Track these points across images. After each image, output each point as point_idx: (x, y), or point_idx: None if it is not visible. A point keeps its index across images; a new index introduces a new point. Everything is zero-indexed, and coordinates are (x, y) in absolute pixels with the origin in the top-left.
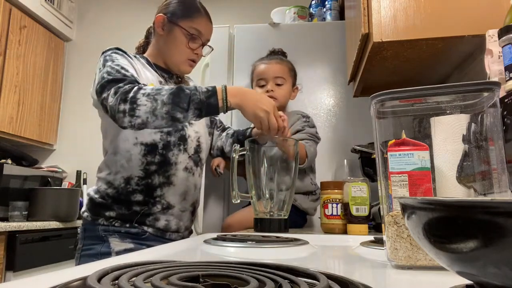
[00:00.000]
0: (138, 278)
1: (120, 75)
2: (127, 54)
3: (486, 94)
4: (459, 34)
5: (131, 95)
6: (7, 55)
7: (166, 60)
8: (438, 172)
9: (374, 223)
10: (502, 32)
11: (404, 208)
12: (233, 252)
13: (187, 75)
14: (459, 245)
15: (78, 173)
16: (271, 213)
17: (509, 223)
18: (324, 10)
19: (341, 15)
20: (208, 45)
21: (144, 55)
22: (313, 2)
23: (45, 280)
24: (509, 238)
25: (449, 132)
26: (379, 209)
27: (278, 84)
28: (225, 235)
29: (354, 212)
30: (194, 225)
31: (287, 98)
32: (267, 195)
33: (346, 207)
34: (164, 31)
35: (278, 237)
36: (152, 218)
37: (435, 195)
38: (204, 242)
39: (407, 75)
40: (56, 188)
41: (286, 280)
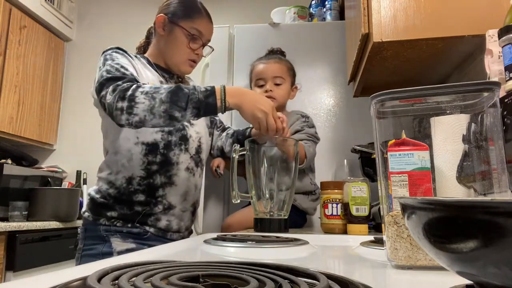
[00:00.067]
0: (138, 278)
1: (119, 74)
2: (127, 53)
3: (486, 94)
4: (459, 34)
5: (129, 93)
6: (7, 55)
7: (166, 60)
8: (438, 172)
9: (374, 223)
10: (502, 32)
11: (404, 208)
12: (233, 252)
13: (187, 75)
14: (459, 245)
15: (78, 173)
16: (271, 213)
17: (509, 223)
18: (324, 10)
19: (341, 15)
20: (209, 45)
21: (144, 55)
22: (313, 2)
23: (45, 280)
24: (509, 238)
25: (449, 132)
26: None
27: (277, 84)
28: (225, 235)
29: (354, 212)
30: (194, 225)
31: (286, 97)
32: (267, 195)
33: (346, 207)
34: (165, 31)
35: (278, 237)
36: (153, 218)
37: (435, 195)
38: (204, 242)
39: (407, 75)
40: (56, 188)
41: (286, 280)
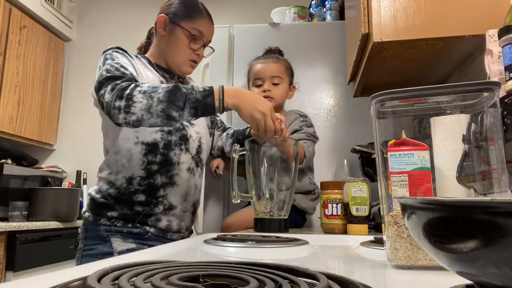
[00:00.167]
0: (138, 278)
1: (118, 73)
2: (127, 53)
3: (486, 94)
4: (459, 34)
5: (127, 92)
6: (7, 55)
7: (167, 60)
8: (438, 172)
9: (374, 223)
10: (502, 32)
11: (404, 208)
12: (233, 252)
13: (188, 75)
14: (459, 245)
15: (78, 173)
16: (271, 213)
17: (509, 223)
18: (324, 10)
19: (341, 15)
20: (210, 46)
21: (145, 55)
22: (313, 2)
23: (45, 280)
24: (509, 238)
25: (449, 132)
26: (379, 209)
27: (275, 84)
28: (225, 235)
29: (354, 212)
30: (194, 225)
31: (284, 97)
32: (267, 195)
33: (346, 207)
34: (166, 31)
35: (278, 237)
36: (154, 218)
37: (435, 195)
38: (204, 242)
39: (407, 75)
40: (56, 188)
41: (286, 280)
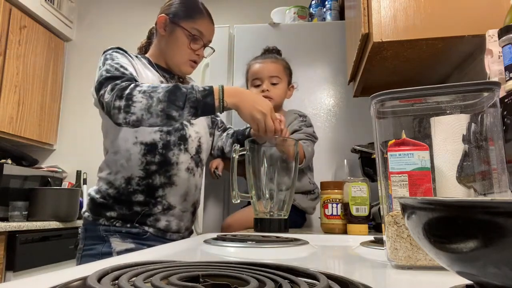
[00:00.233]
0: (138, 278)
1: (118, 73)
2: (127, 53)
3: (486, 94)
4: (459, 34)
5: (127, 91)
6: (7, 55)
7: (167, 60)
8: (438, 172)
9: (374, 223)
10: (502, 32)
11: (404, 208)
12: (233, 252)
13: (188, 75)
14: (459, 245)
15: (78, 173)
16: (271, 213)
17: (509, 223)
18: (324, 10)
19: (341, 15)
20: (210, 46)
21: (146, 55)
22: (313, 2)
23: (45, 280)
24: (509, 238)
25: (449, 132)
26: (379, 209)
27: (273, 84)
28: (225, 235)
29: (354, 212)
30: (194, 225)
31: (283, 97)
32: (267, 195)
33: (346, 207)
34: (166, 31)
35: (278, 237)
36: (153, 218)
37: (435, 195)
38: (204, 242)
39: (407, 75)
40: (56, 188)
41: (286, 280)
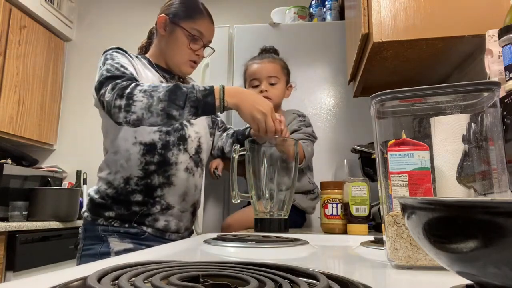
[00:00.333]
0: (138, 278)
1: (119, 73)
2: (127, 53)
3: (486, 94)
4: (459, 34)
5: (128, 91)
6: (7, 55)
7: (167, 60)
8: (438, 172)
9: (374, 223)
10: (502, 32)
11: (404, 208)
12: (233, 252)
13: (188, 75)
14: (459, 245)
15: (78, 173)
16: (271, 213)
17: (509, 223)
18: (324, 10)
19: (341, 15)
20: (210, 46)
21: (146, 55)
22: (313, 2)
23: (45, 280)
24: (509, 238)
25: (449, 132)
26: (379, 209)
27: (272, 84)
28: (225, 235)
29: (354, 212)
30: (194, 225)
31: (282, 97)
32: (267, 195)
33: (346, 207)
34: (166, 31)
35: (278, 237)
36: (151, 218)
37: (435, 195)
38: (204, 242)
39: (407, 75)
40: (56, 188)
41: (286, 280)
